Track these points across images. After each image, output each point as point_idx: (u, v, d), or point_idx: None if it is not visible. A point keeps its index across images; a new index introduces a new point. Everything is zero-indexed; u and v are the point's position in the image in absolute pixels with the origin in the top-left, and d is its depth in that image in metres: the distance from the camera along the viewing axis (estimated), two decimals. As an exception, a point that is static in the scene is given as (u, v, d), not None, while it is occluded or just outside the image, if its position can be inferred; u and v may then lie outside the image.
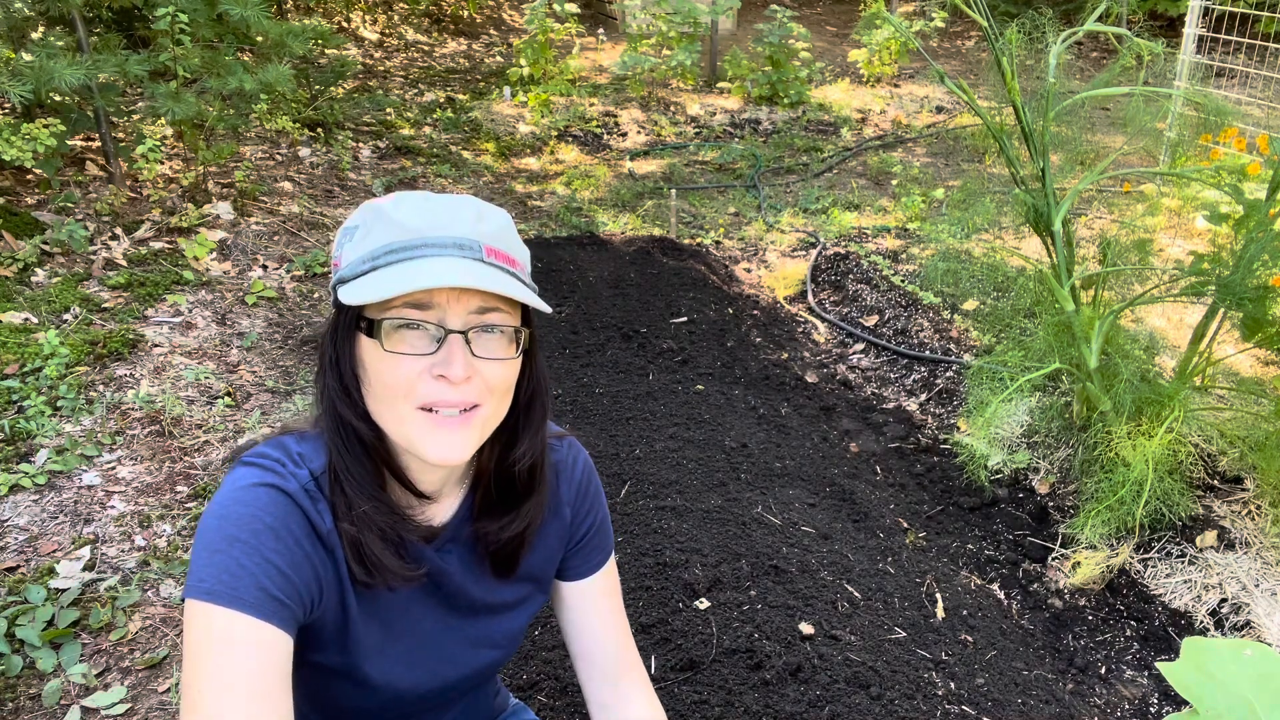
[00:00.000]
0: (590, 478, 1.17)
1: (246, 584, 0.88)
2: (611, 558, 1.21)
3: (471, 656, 1.10)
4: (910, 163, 6.13)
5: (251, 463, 0.95)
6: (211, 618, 0.87)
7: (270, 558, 0.90)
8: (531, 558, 1.11)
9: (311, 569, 0.94)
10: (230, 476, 0.94)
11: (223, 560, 0.88)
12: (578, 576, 1.17)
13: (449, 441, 0.93)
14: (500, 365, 0.95)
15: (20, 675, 2.08)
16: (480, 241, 0.93)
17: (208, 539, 0.90)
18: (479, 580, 1.08)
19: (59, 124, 3.97)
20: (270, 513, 0.91)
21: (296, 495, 0.93)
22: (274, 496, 0.92)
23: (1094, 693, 2.21)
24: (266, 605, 0.88)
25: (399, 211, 0.93)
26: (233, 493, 0.92)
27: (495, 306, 0.94)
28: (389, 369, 0.91)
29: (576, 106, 7.14)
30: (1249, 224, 2.37)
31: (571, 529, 1.15)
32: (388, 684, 1.04)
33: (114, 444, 2.84)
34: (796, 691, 1.83)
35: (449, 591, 1.06)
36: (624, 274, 4.17)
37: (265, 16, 4.26)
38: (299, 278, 4.12)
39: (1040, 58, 2.60)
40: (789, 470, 2.77)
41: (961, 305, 4.00)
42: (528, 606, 1.14)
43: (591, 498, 1.17)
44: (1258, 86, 5.81)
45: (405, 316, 0.91)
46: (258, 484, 0.92)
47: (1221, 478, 2.69)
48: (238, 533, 0.89)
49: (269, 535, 0.90)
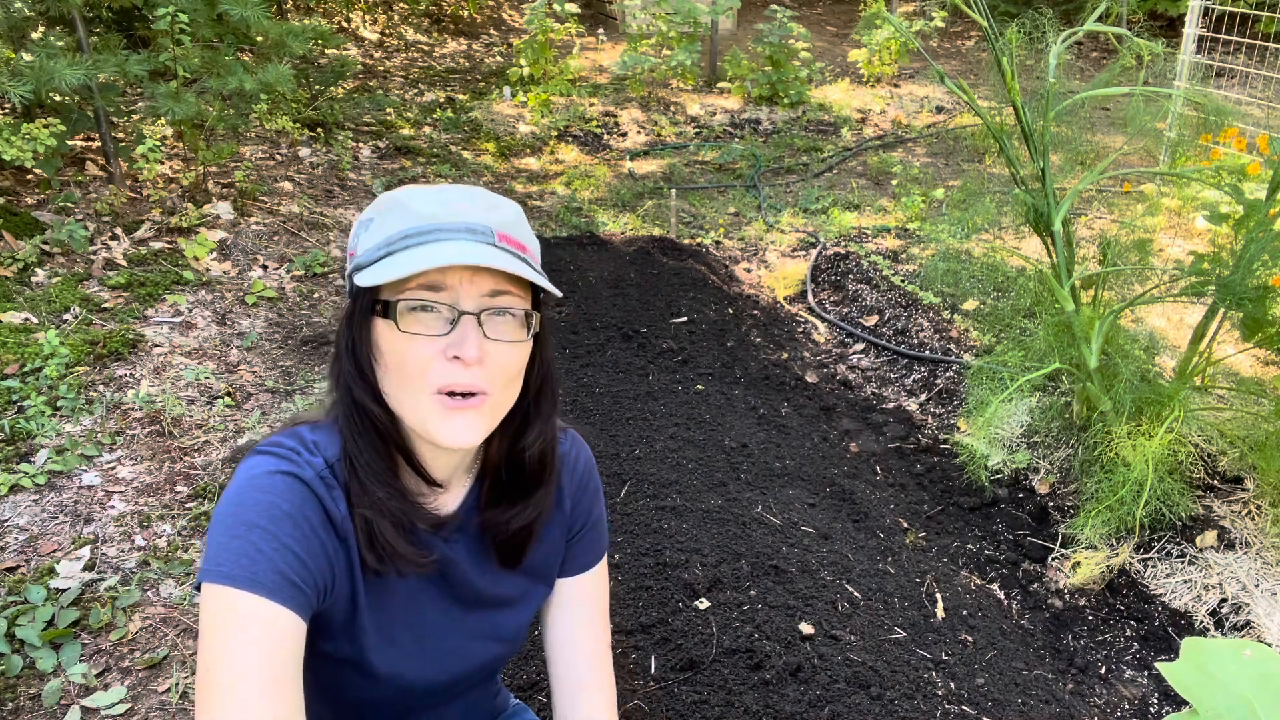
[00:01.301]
0: (591, 472, 1.18)
1: (264, 568, 0.88)
2: (603, 563, 1.20)
3: (477, 649, 1.11)
4: (910, 163, 6.13)
5: (267, 451, 0.96)
6: (229, 600, 0.87)
7: (288, 543, 0.91)
8: (536, 550, 1.12)
9: (326, 556, 0.95)
10: (245, 464, 0.95)
11: (241, 545, 0.89)
12: (567, 574, 1.17)
13: (462, 425, 0.94)
14: (511, 348, 0.97)
15: (20, 675, 2.08)
16: (492, 228, 0.95)
17: (225, 524, 0.90)
18: (484, 571, 1.09)
19: (59, 124, 3.97)
20: (287, 499, 0.92)
21: (312, 483, 0.95)
22: (290, 484, 0.93)
23: (1094, 693, 2.21)
24: (284, 590, 0.89)
25: (414, 201, 0.96)
26: (249, 479, 0.93)
27: (507, 290, 0.96)
28: (405, 349, 0.93)
29: (576, 106, 7.14)
30: (1249, 224, 2.37)
31: (571, 521, 1.16)
32: (394, 675, 1.04)
33: (114, 444, 2.84)
34: (796, 691, 1.83)
35: (454, 582, 1.07)
36: (624, 274, 4.17)
37: (265, 16, 4.26)
38: (299, 278, 4.12)
39: (1040, 58, 2.60)
40: (789, 470, 2.77)
41: (961, 305, 4.00)
42: (531, 601, 1.15)
43: (591, 493, 1.18)
44: (1258, 86, 5.81)
45: (419, 298, 0.93)
46: (274, 471, 0.93)
47: (1221, 478, 2.69)
48: (255, 518, 0.90)
49: (286, 521, 0.91)
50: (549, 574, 1.16)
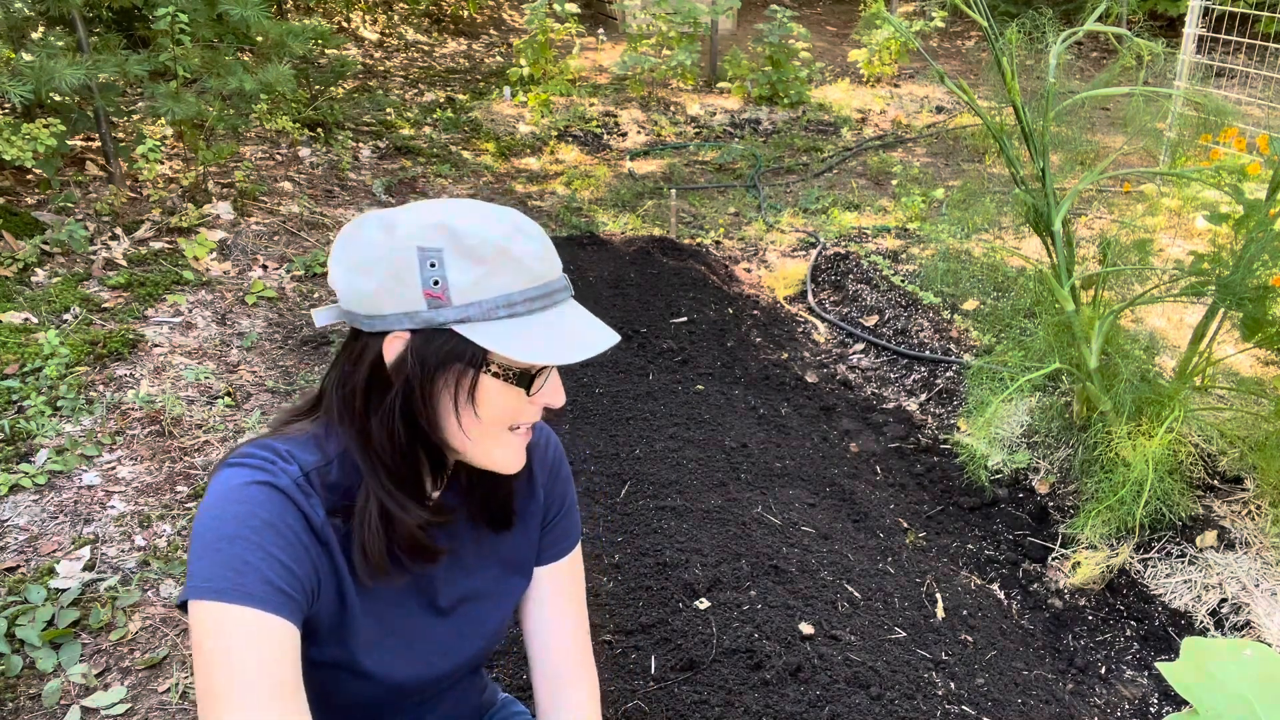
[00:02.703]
0: (560, 459, 1.21)
1: (253, 579, 0.88)
2: (578, 549, 1.22)
3: (463, 645, 1.12)
4: (910, 163, 6.13)
5: (238, 464, 0.95)
6: (223, 616, 0.87)
7: (273, 552, 0.90)
8: (513, 540, 1.14)
9: (310, 562, 0.95)
10: (218, 479, 0.94)
11: (225, 558, 0.88)
12: (542, 561, 1.19)
13: (520, 451, 1.03)
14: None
15: (20, 675, 2.08)
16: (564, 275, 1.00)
17: (206, 540, 0.90)
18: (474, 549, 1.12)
19: (59, 124, 3.97)
20: (266, 508, 0.92)
21: (289, 490, 0.94)
22: (268, 493, 0.93)
23: (1094, 693, 2.21)
24: (275, 599, 0.89)
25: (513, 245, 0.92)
26: (225, 492, 0.92)
27: None
28: (518, 407, 0.98)
29: (576, 106, 7.13)
30: (1249, 224, 2.37)
31: (545, 509, 1.18)
32: (385, 674, 1.05)
33: (114, 444, 2.84)
34: (796, 691, 1.83)
35: (438, 581, 1.09)
36: (624, 274, 4.17)
37: (265, 16, 4.26)
38: (299, 278, 4.12)
39: (1040, 58, 2.60)
40: (789, 470, 2.77)
41: (961, 305, 4.00)
42: (511, 594, 1.16)
43: (563, 480, 1.20)
44: (1258, 86, 5.81)
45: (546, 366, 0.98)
46: (249, 482, 0.92)
47: (1221, 478, 2.69)
48: (237, 530, 0.90)
49: (269, 531, 0.91)
50: (526, 565, 1.17)
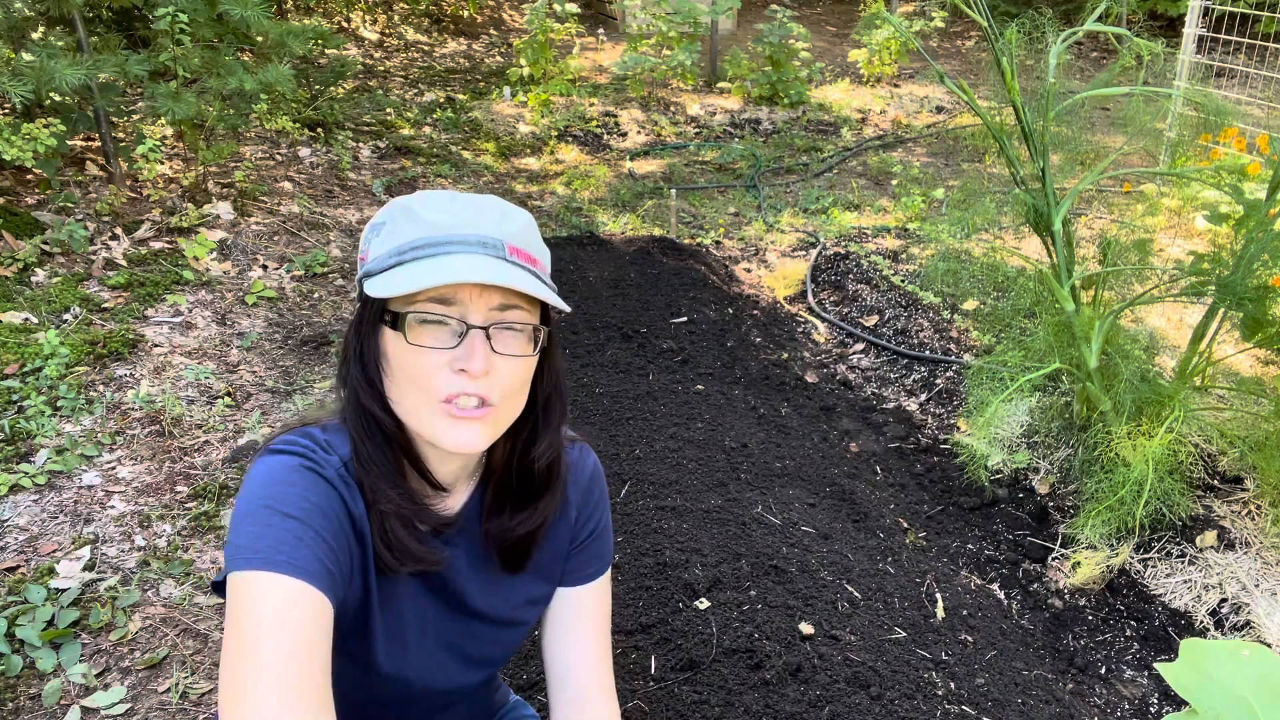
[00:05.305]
0: (596, 482, 1.18)
1: (305, 555, 0.88)
2: (607, 575, 1.19)
3: (477, 655, 1.11)
4: (910, 163, 6.13)
5: (283, 450, 0.95)
6: (272, 584, 0.86)
7: (321, 533, 0.91)
8: (539, 556, 1.12)
9: (348, 551, 0.95)
10: (263, 462, 0.94)
11: (277, 533, 0.88)
12: (569, 583, 1.17)
13: (467, 432, 0.95)
14: (518, 362, 0.97)
15: (20, 675, 2.08)
16: (503, 240, 0.95)
17: (255, 516, 0.89)
18: (482, 574, 1.09)
19: (59, 124, 3.97)
20: (315, 492, 0.93)
21: (334, 480, 0.95)
22: (315, 479, 0.94)
23: (1094, 693, 2.21)
24: (323, 577, 0.89)
25: (426, 209, 0.95)
26: (273, 473, 0.93)
27: (516, 304, 0.96)
28: (412, 362, 0.94)
29: (576, 106, 7.13)
30: (1249, 224, 2.37)
31: (575, 529, 1.15)
32: (398, 675, 1.05)
33: (114, 444, 2.84)
34: (796, 691, 1.83)
35: (453, 588, 1.07)
36: (624, 274, 4.17)
37: (265, 16, 4.26)
38: (299, 278, 4.12)
39: (1040, 58, 2.60)
40: (789, 470, 2.77)
41: (961, 305, 4.00)
42: (529, 613, 1.15)
43: (595, 502, 1.17)
44: (1258, 86, 5.81)
45: (429, 311, 0.93)
46: (297, 467, 0.93)
47: (1221, 478, 2.69)
48: (287, 509, 0.90)
49: (317, 513, 0.92)
50: (550, 578, 1.15)
